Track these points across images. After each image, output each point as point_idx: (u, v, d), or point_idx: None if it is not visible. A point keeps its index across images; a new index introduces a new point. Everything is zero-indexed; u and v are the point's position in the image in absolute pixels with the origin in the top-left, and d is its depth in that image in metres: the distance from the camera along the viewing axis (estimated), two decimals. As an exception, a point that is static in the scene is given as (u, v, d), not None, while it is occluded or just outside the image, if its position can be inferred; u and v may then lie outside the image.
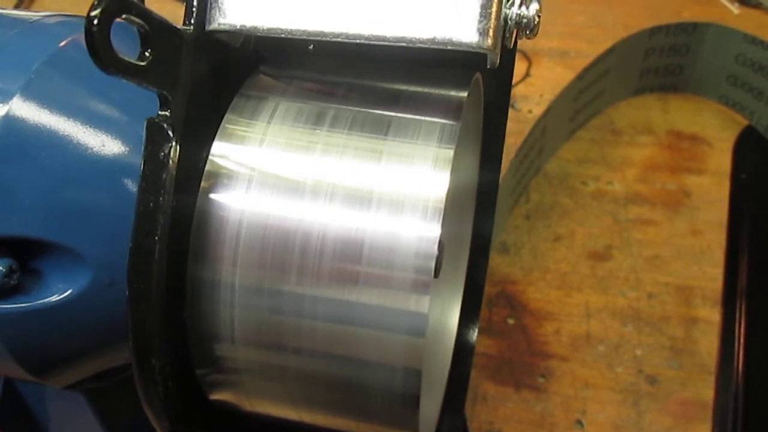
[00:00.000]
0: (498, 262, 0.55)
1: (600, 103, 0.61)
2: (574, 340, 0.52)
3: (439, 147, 0.26)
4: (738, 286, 0.53)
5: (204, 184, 0.27)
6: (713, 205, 0.56)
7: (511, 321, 0.53)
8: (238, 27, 0.26)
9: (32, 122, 0.28)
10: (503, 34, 0.25)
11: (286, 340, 0.27)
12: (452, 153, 0.26)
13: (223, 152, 0.27)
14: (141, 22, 0.23)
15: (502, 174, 0.39)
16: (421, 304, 0.25)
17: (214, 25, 0.26)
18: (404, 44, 0.25)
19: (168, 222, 0.25)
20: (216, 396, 0.29)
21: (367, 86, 0.29)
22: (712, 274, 0.54)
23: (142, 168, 0.25)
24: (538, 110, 0.59)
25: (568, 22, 0.66)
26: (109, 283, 0.29)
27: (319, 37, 0.26)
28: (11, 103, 0.28)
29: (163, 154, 0.25)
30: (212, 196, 0.27)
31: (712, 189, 0.57)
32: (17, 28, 0.31)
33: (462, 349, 0.39)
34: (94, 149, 0.28)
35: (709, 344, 0.51)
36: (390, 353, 0.26)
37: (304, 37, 0.26)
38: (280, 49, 0.31)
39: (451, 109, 0.28)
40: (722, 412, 0.49)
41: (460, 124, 0.27)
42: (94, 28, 0.21)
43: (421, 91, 0.29)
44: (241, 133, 0.27)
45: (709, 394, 0.50)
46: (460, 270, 0.39)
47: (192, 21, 0.26)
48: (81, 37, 0.24)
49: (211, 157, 0.27)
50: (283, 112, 0.28)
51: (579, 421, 0.49)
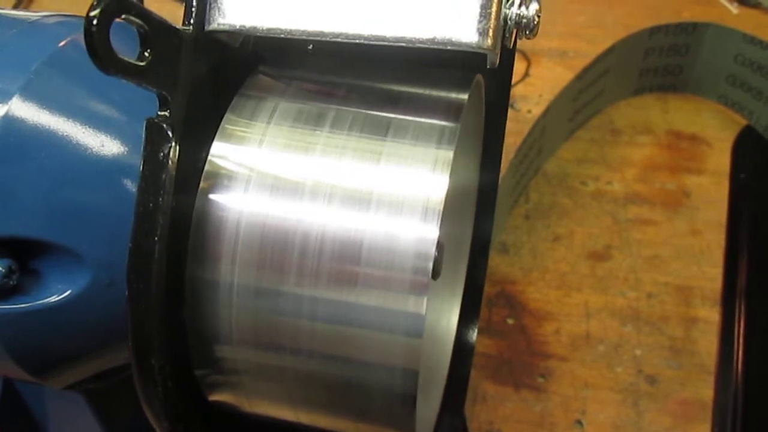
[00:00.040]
0: (497, 262, 0.55)
1: (599, 103, 0.61)
2: (574, 340, 0.52)
3: (439, 149, 0.26)
4: (737, 286, 0.53)
5: (203, 184, 0.27)
6: (712, 205, 0.56)
7: (510, 321, 0.53)
8: (238, 27, 0.26)
9: (31, 122, 0.28)
10: (503, 34, 0.25)
11: (285, 340, 0.27)
12: (452, 155, 0.26)
13: (222, 152, 0.27)
14: (140, 23, 0.23)
15: (502, 174, 0.39)
16: (419, 305, 0.25)
17: (213, 25, 0.26)
18: (404, 44, 0.25)
19: (167, 222, 0.25)
20: (215, 396, 0.29)
21: (367, 87, 0.29)
22: (711, 273, 0.54)
23: (141, 168, 0.25)
24: (538, 110, 0.59)
25: (568, 22, 0.66)
26: (109, 283, 0.29)
27: (319, 37, 0.26)
28: (10, 103, 0.28)
29: (162, 154, 0.25)
30: (211, 196, 0.27)
31: (711, 189, 0.57)
32: (16, 28, 0.31)
33: (461, 349, 0.39)
34: (94, 149, 0.28)
35: (708, 344, 0.51)
36: (388, 354, 0.26)
37: (304, 37, 0.26)
38: (279, 50, 0.30)
39: (451, 110, 0.27)
40: (722, 412, 0.49)
41: (460, 126, 0.27)
42: (94, 29, 0.21)
43: (420, 92, 0.29)
44: (241, 133, 0.27)
45: (708, 394, 0.50)
46: (460, 270, 0.39)
47: (191, 21, 0.26)
48: (80, 38, 0.24)
49: (210, 158, 0.27)
50: (282, 113, 0.28)
51: (579, 421, 0.49)
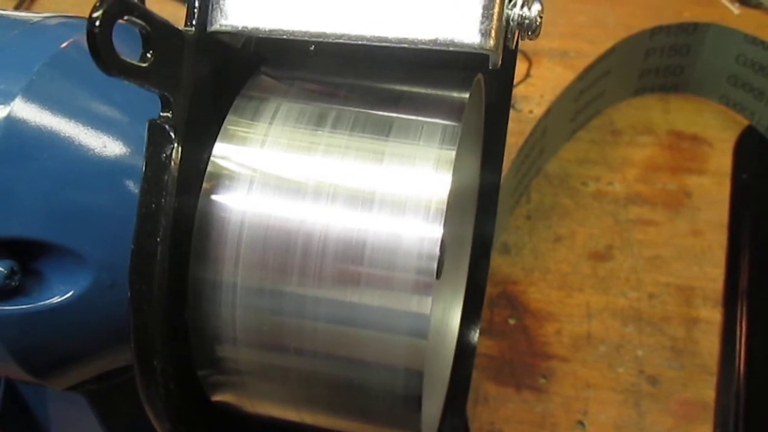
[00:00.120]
0: (499, 262, 0.55)
1: (600, 104, 0.61)
2: (575, 341, 0.52)
3: (441, 148, 0.26)
4: (739, 286, 0.53)
5: (206, 185, 0.27)
6: (714, 205, 0.56)
7: (512, 321, 0.53)
8: (240, 28, 0.26)
9: (34, 123, 0.28)
10: (505, 35, 0.25)
11: (288, 341, 0.27)
12: (454, 154, 0.26)
13: (224, 153, 0.27)
14: (143, 24, 0.23)
15: (503, 174, 0.39)
16: (423, 305, 0.25)
17: (215, 27, 0.26)
18: (406, 45, 0.25)
19: (170, 223, 0.25)
20: (217, 397, 0.29)
21: (369, 87, 0.29)
22: (712, 274, 0.54)
23: (143, 169, 0.25)
24: (539, 111, 0.59)
25: (569, 22, 0.66)
26: (111, 284, 0.29)
27: (321, 38, 0.26)
28: (13, 104, 0.28)
29: (164, 155, 0.25)
30: (214, 197, 0.27)
31: (712, 189, 0.57)
32: (18, 29, 0.31)
33: (463, 350, 0.39)
34: (96, 150, 0.28)
35: (710, 344, 0.51)
36: (392, 354, 0.26)
37: (306, 38, 0.26)
38: (281, 50, 0.30)
39: (452, 110, 0.27)
40: (723, 412, 0.49)
41: (462, 125, 0.27)
42: (96, 30, 0.21)
43: (422, 92, 0.29)
44: (243, 134, 0.27)
45: (710, 394, 0.49)
46: (462, 271, 0.39)
47: (193, 22, 0.26)
48: (82, 39, 0.24)
49: (212, 159, 0.27)
50: (284, 113, 0.28)
51: (580, 422, 0.49)
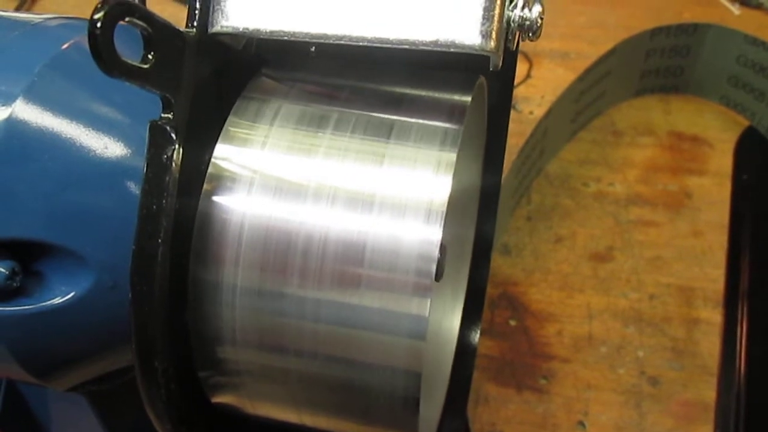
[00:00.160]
0: (500, 263, 0.55)
1: (601, 105, 0.61)
2: (576, 342, 0.52)
3: (442, 151, 0.26)
4: (739, 287, 0.53)
5: (206, 186, 0.27)
6: (714, 206, 0.56)
7: (512, 322, 0.53)
8: (241, 29, 0.26)
9: (35, 125, 0.28)
10: (506, 36, 0.25)
11: (288, 342, 0.27)
12: (455, 157, 0.26)
13: (225, 155, 0.27)
14: (144, 25, 0.23)
15: (504, 175, 0.39)
16: (422, 307, 0.25)
17: (216, 28, 0.26)
18: (407, 47, 0.25)
19: (171, 224, 0.25)
20: (218, 398, 0.29)
21: (370, 89, 0.29)
22: (713, 275, 0.54)
23: (144, 170, 0.25)
24: (540, 111, 0.59)
25: (570, 23, 0.66)
26: (112, 285, 0.29)
27: (322, 40, 0.26)
28: (14, 105, 0.28)
29: (165, 156, 0.25)
30: (215, 198, 0.27)
31: (713, 190, 0.57)
32: (19, 31, 0.31)
33: (464, 351, 0.39)
34: (97, 152, 0.28)
35: (710, 345, 0.51)
36: (391, 356, 0.26)
37: (307, 39, 0.26)
38: (282, 52, 0.30)
39: (454, 112, 0.27)
40: (724, 413, 0.49)
41: (463, 128, 0.27)
42: (98, 31, 0.21)
43: (423, 94, 0.29)
44: (244, 135, 0.27)
45: (710, 395, 0.49)
46: (462, 272, 0.39)
47: (195, 24, 0.26)
48: (83, 40, 0.24)
49: (213, 160, 0.27)
50: (285, 115, 0.28)
51: (581, 423, 0.49)
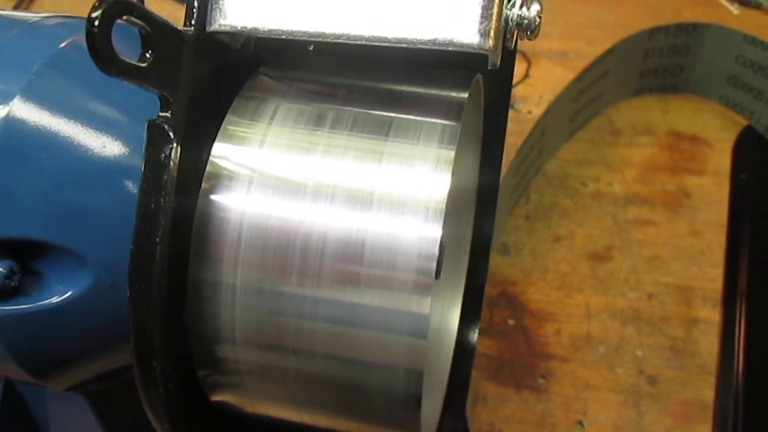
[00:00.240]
0: (498, 262, 0.55)
1: (600, 104, 0.61)
2: (575, 341, 0.52)
3: (440, 148, 0.26)
4: (738, 286, 0.53)
5: (205, 185, 0.27)
6: (713, 205, 0.56)
7: (511, 322, 0.53)
8: (239, 28, 0.26)
9: (33, 124, 0.28)
10: (504, 35, 0.25)
11: (287, 341, 0.27)
12: (453, 154, 0.26)
13: (223, 153, 0.27)
14: (142, 24, 0.23)
15: (502, 175, 0.39)
16: (423, 305, 0.25)
17: (214, 26, 0.26)
18: (405, 45, 0.25)
19: (169, 223, 0.25)
20: (217, 397, 0.29)
21: (368, 87, 0.29)
22: (712, 274, 0.54)
23: (142, 169, 0.25)
24: (538, 111, 0.59)
25: (568, 23, 0.66)
26: (110, 284, 0.29)
27: (320, 38, 0.26)
28: (12, 104, 0.28)
29: (164, 155, 0.25)
30: (213, 197, 0.27)
31: (712, 189, 0.57)
32: (17, 29, 0.31)
33: (463, 350, 0.39)
34: (95, 151, 0.28)
35: (709, 345, 0.51)
36: (391, 354, 0.26)
37: (305, 38, 0.26)
38: (280, 51, 0.30)
39: (451, 110, 0.28)
40: (722, 412, 0.49)
41: (461, 125, 0.27)
42: (95, 30, 0.21)
43: (421, 92, 0.29)
44: (242, 134, 0.27)
45: (709, 394, 0.49)
46: (461, 271, 0.39)
47: (192, 22, 0.26)
48: (81, 39, 0.24)
49: (211, 159, 0.27)
50: (283, 114, 0.28)
51: (580, 422, 0.49)
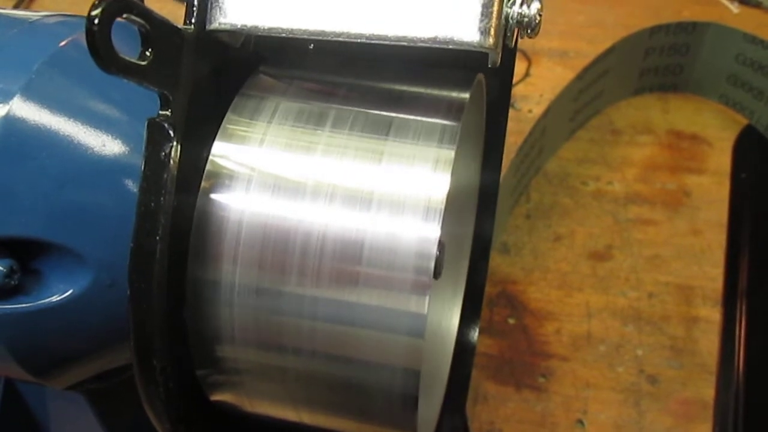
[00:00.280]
0: (498, 262, 0.55)
1: (600, 103, 0.61)
2: (575, 340, 0.52)
3: (440, 148, 0.26)
4: (738, 285, 0.53)
5: (205, 184, 0.27)
6: (713, 204, 0.56)
7: (511, 321, 0.53)
8: (239, 26, 0.26)
9: (33, 122, 0.28)
10: (504, 33, 0.25)
11: (286, 340, 0.27)
12: (453, 154, 0.26)
13: (223, 152, 0.27)
14: (142, 22, 0.23)
15: (503, 174, 0.39)
16: (421, 304, 0.25)
17: (214, 25, 0.26)
18: (405, 43, 0.25)
19: (169, 222, 0.25)
20: (217, 396, 0.29)
21: (368, 86, 0.29)
22: (712, 273, 0.54)
23: (142, 168, 0.25)
24: (538, 110, 0.59)
25: (568, 22, 0.66)
26: (110, 283, 0.29)
27: (320, 37, 0.26)
28: (11, 103, 0.28)
29: (164, 154, 0.25)
30: (213, 196, 0.27)
31: (712, 188, 0.57)
32: (17, 28, 0.31)
33: (463, 350, 0.39)
34: (95, 149, 0.28)
35: (709, 344, 0.51)
36: (389, 354, 0.26)
37: (305, 36, 0.26)
38: (280, 49, 0.30)
39: (452, 109, 0.27)
40: (723, 411, 0.49)
41: (461, 125, 0.27)
42: (95, 28, 0.21)
43: (422, 91, 0.29)
44: (242, 133, 0.27)
45: (709, 393, 0.49)
46: (461, 270, 0.39)
47: (193, 20, 0.26)
48: (81, 37, 0.24)
49: (211, 157, 0.27)
50: (283, 113, 0.28)
51: (580, 421, 0.49)
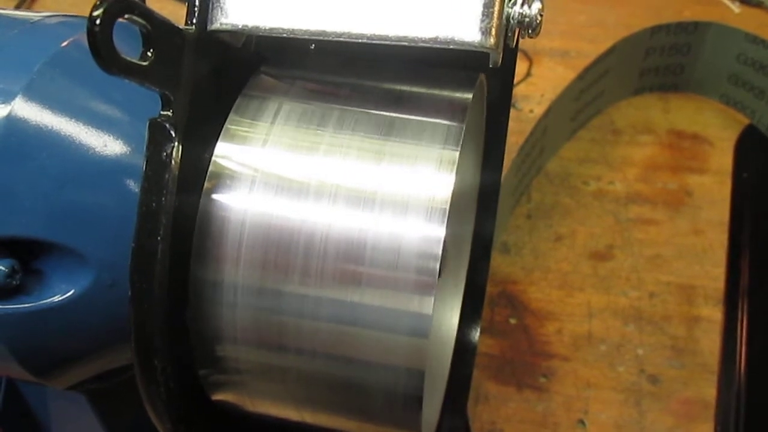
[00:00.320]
0: (499, 261, 0.55)
1: (601, 103, 0.61)
2: (576, 340, 0.52)
3: (444, 148, 0.26)
4: (740, 285, 0.53)
5: (207, 184, 0.27)
6: (715, 204, 0.56)
7: (512, 321, 0.53)
8: (240, 27, 0.26)
9: (34, 123, 0.28)
10: (506, 33, 0.25)
11: (289, 340, 0.27)
12: (457, 154, 0.26)
13: (225, 153, 0.27)
14: (143, 22, 0.23)
15: (504, 174, 0.39)
16: (425, 305, 0.25)
17: (216, 25, 0.26)
18: (406, 43, 0.25)
19: (170, 222, 0.25)
20: (218, 396, 0.29)
21: (370, 86, 0.29)
22: (713, 273, 0.54)
23: (144, 168, 0.25)
24: (539, 110, 0.59)
25: (569, 22, 0.66)
26: (111, 283, 0.29)
27: (321, 37, 0.26)
28: (13, 103, 0.28)
29: (165, 154, 0.25)
30: (215, 196, 0.26)
31: (713, 188, 0.57)
32: (18, 29, 0.31)
33: (464, 350, 0.39)
34: (96, 149, 0.28)
35: (711, 343, 0.51)
36: (393, 354, 0.26)
37: (306, 36, 0.26)
38: (281, 49, 0.30)
39: (455, 110, 0.27)
40: (724, 411, 0.49)
41: (465, 126, 0.27)
42: (97, 28, 0.21)
43: (424, 91, 0.29)
44: (244, 133, 0.27)
45: (711, 393, 0.49)
46: (462, 270, 0.39)
47: (194, 21, 0.26)
48: (82, 38, 0.24)
49: (213, 158, 0.27)
50: (286, 113, 0.28)
51: (581, 421, 0.49)
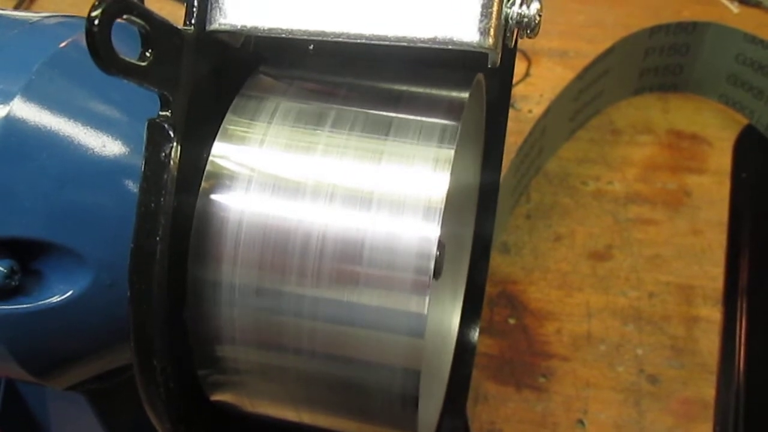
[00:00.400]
0: (499, 261, 0.55)
1: (600, 103, 0.61)
2: (575, 340, 0.52)
3: (440, 147, 0.26)
4: (739, 285, 0.53)
5: (205, 184, 0.27)
6: (714, 204, 0.56)
7: (512, 321, 0.53)
8: (239, 27, 0.26)
9: (33, 123, 0.28)
10: (504, 33, 0.25)
11: (287, 340, 0.27)
12: (453, 153, 0.26)
13: (223, 153, 0.27)
14: (142, 23, 0.23)
15: (503, 174, 0.39)
16: (421, 304, 0.25)
17: (214, 26, 0.26)
18: (405, 44, 0.25)
19: (169, 223, 0.25)
20: (217, 397, 0.29)
21: (368, 86, 0.29)
22: (713, 273, 0.54)
23: (142, 168, 0.25)
24: (538, 110, 0.59)
25: (568, 22, 0.66)
26: (110, 284, 0.29)
27: (320, 37, 0.26)
28: (12, 104, 0.28)
29: (164, 154, 0.25)
30: (213, 196, 0.27)
31: (712, 188, 0.57)
32: (17, 29, 0.31)
33: (463, 350, 0.39)
34: (95, 150, 0.28)
35: (710, 343, 0.51)
36: (389, 354, 0.26)
37: (305, 37, 0.26)
38: (280, 50, 0.30)
39: (451, 109, 0.27)
40: (723, 411, 0.49)
41: (461, 125, 0.27)
42: (95, 29, 0.21)
43: (422, 91, 0.29)
44: (242, 133, 0.27)
45: (710, 393, 0.49)
46: (461, 270, 0.39)
47: (192, 21, 0.26)
48: (81, 38, 0.24)
49: (211, 158, 0.27)
50: (283, 113, 0.28)
51: (580, 421, 0.49)
